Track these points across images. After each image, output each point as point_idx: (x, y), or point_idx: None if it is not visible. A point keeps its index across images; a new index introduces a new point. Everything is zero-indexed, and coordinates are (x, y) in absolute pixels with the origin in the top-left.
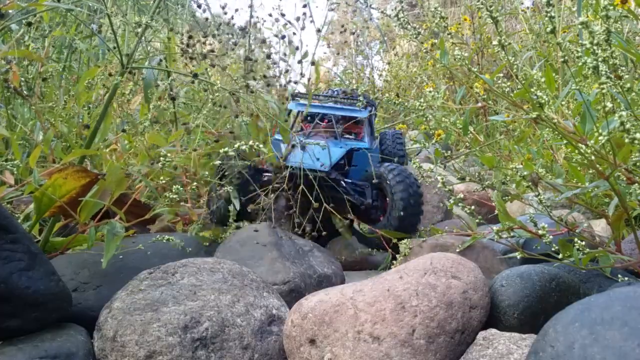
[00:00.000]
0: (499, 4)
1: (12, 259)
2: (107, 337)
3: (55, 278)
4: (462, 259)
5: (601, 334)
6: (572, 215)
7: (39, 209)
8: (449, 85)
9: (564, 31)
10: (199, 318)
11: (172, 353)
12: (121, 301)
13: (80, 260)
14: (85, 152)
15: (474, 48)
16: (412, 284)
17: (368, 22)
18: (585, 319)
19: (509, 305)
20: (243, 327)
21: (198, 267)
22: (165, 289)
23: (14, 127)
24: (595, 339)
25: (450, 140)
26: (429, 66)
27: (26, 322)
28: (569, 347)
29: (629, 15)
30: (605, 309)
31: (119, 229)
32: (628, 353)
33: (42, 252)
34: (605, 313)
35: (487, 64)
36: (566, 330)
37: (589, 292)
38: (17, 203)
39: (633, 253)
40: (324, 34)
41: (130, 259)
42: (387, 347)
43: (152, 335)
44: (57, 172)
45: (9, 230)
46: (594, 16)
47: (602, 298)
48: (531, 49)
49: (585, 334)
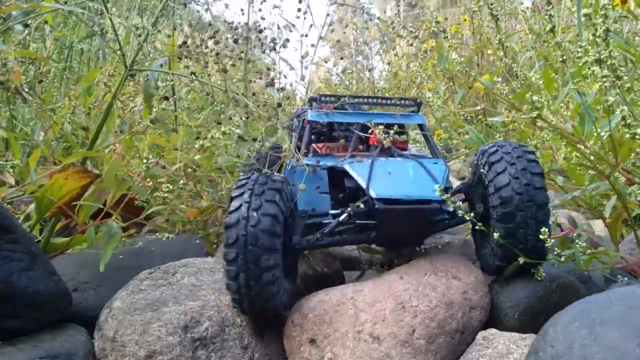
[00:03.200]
0: (499, 4)
1: (12, 259)
2: (108, 337)
3: (55, 278)
4: (462, 259)
5: (601, 333)
6: (572, 215)
7: (39, 209)
8: (449, 85)
9: (564, 31)
10: (199, 318)
11: (172, 353)
12: (121, 301)
13: (81, 260)
14: (86, 153)
15: (473, 49)
16: (412, 284)
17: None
18: (585, 318)
19: (509, 306)
20: (243, 326)
21: (198, 267)
22: (166, 289)
23: (15, 128)
24: (595, 339)
25: (451, 140)
26: (429, 67)
27: (26, 322)
28: (568, 347)
29: (628, 16)
30: (605, 308)
31: (116, 230)
32: (628, 353)
33: (42, 252)
34: (605, 313)
35: (487, 64)
36: (566, 330)
37: (589, 292)
38: (17, 203)
39: (633, 253)
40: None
41: (130, 258)
42: (387, 347)
43: (153, 335)
44: (58, 173)
45: (9, 230)
46: (593, 15)
47: (601, 298)
48: (531, 49)
49: (585, 334)
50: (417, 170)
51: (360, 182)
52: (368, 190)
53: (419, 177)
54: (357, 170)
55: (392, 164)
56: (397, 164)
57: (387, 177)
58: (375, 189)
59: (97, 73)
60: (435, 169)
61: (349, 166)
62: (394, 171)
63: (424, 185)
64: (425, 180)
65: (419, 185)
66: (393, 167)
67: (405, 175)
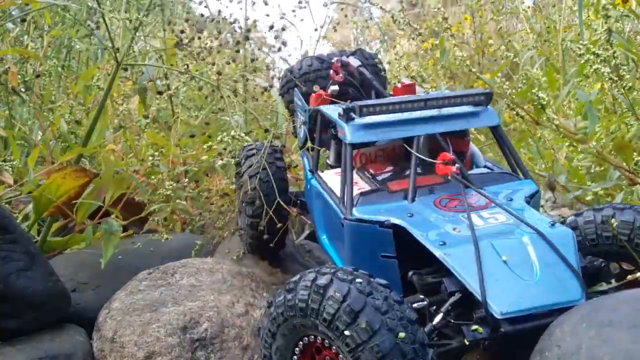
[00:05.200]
0: (500, 3)
1: (11, 259)
2: (106, 338)
3: (53, 278)
4: None
5: (609, 335)
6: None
7: (37, 209)
8: (450, 84)
9: (565, 30)
10: (198, 319)
11: (171, 354)
12: (120, 301)
13: (79, 260)
14: (82, 150)
15: (475, 47)
16: None
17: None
18: (593, 320)
19: None
20: (243, 327)
21: (197, 268)
22: (165, 290)
23: (13, 127)
24: (604, 340)
25: None
26: (430, 65)
27: (25, 323)
28: (576, 348)
29: (630, 15)
30: (613, 310)
31: (116, 227)
32: (636, 355)
33: (40, 252)
34: (614, 314)
35: (488, 63)
36: (574, 331)
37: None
38: (15, 203)
39: None
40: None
41: (129, 259)
42: None
43: (152, 335)
44: (56, 172)
45: (8, 230)
46: (594, 15)
47: (610, 299)
48: (532, 48)
49: (592, 335)
50: (540, 248)
51: (468, 284)
52: (487, 303)
53: (547, 263)
54: (456, 259)
55: (502, 240)
56: (510, 241)
57: (505, 271)
58: (496, 301)
59: (94, 71)
60: (542, 222)
61: (442, 251)
62: (510, 256)
63: (557, 277)
64: (557, 269)
65: (551, 280)
66: (505, 247)
67: (528, 263)
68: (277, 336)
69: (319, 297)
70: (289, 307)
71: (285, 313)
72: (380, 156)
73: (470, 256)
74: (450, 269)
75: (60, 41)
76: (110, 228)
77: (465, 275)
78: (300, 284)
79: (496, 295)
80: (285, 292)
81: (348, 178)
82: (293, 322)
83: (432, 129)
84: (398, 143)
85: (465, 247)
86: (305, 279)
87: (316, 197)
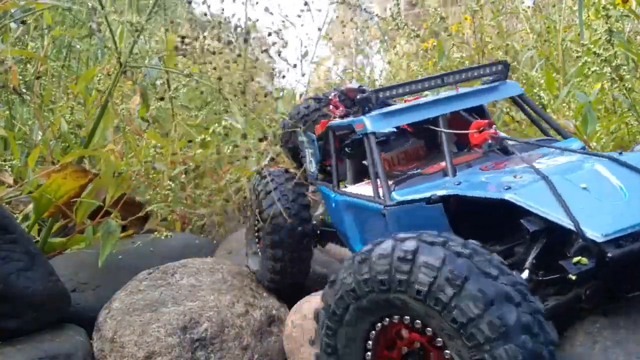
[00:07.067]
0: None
1: (11, 259)
2: (106, 338)
3: (54, 278)
4: None
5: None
6: None
7: (37, 209)
8: None
9: (565, 30)
10: (198, 319)
11: (171, 354)
12: (120, 301)
13: (79, 260)
14: (84, 152)
15: (475, 48)
16: None
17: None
18: (603, 320)
19: None
20: (243, 327)
21: (197, 268)
22: (165, 290)
23: (13, 127)
24: (618, 342)
25: None
26: (429, 66)
27: (25, 323)
28: (589, 348)
29: (630, 15)
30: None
31: (115, 227)
32: None
33: (40, 252)
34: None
35: None
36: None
37: None
38: (16, 203)
39: None
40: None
41: (129, 259)
42: None
43: (152, 335)
44: (56, 172)
45: (8, 230)
46: (594, 15)
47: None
48: (532, 49)
49: (607, 335)
50: (618, 172)
51: (552, 216)
52: (581, 230)
53: (632, 183)
54: (529, 196)
55: (574, 173)
56: (583, 171)
57: (588, 197)
58: (592, 226)
59: (95, 72)
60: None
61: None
62: (590, 183)
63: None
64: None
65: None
66: (580, 177)
67: (611, 186)
68: (345, 319)
69: (408, 265)
70: (363, 282)
71: (358, 290)
72: (402, 158)
73: (544, 191)
74: (526, 207)
75: (60, 41)
76: (109, 227)
77: (546, 207)
78: (376, 253)
79: (590, 220)
80: (357, 265)
81: (379, 168)
82: (369, 299)
83: (452, 107)
84: (419, 144)
85: (535, 185)
86: (382, 247)
87: (345, 210)
